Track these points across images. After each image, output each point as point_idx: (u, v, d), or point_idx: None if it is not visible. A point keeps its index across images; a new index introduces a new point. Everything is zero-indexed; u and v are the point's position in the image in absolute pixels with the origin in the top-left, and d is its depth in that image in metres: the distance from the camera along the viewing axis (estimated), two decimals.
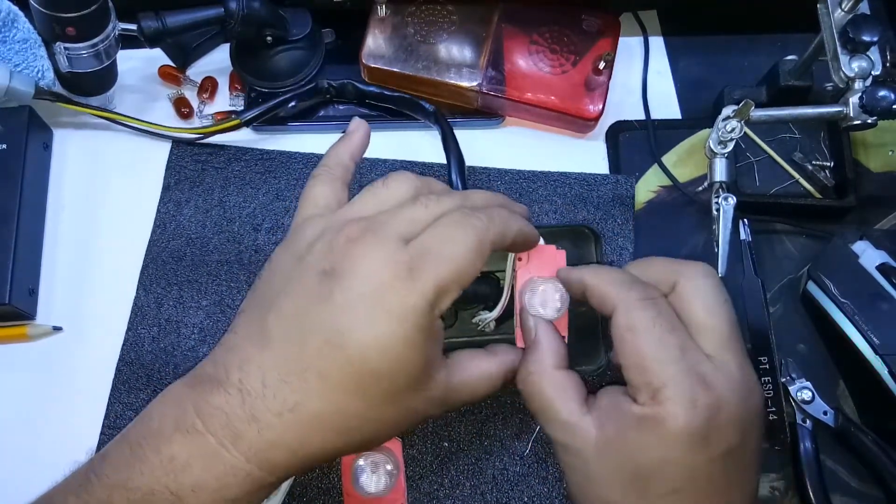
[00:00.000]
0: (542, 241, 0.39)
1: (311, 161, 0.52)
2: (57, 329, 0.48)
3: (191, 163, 0.52)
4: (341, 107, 0.54)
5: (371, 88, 0.52)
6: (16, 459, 0.46)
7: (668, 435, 0.31)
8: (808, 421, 0.44)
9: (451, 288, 0.32)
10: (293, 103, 0.52)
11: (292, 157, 0.52)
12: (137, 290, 0.49)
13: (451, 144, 0.48)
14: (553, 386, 0.35)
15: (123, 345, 0.48)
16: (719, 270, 0.40)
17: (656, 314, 0.33)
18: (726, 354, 0.33)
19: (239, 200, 0.51)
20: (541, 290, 0.38)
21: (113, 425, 0.46)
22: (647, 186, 0.52)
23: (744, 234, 0.49)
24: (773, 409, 0.45)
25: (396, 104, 0.52)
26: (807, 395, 0.45)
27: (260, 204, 0.51)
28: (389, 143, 0.53)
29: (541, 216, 0.50)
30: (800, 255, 0.49)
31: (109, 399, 0.46)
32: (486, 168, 0.51)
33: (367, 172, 0.52)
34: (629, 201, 0.51)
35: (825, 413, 0.44)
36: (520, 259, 0.39)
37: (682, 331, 0.33)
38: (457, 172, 0.47)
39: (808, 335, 0.47)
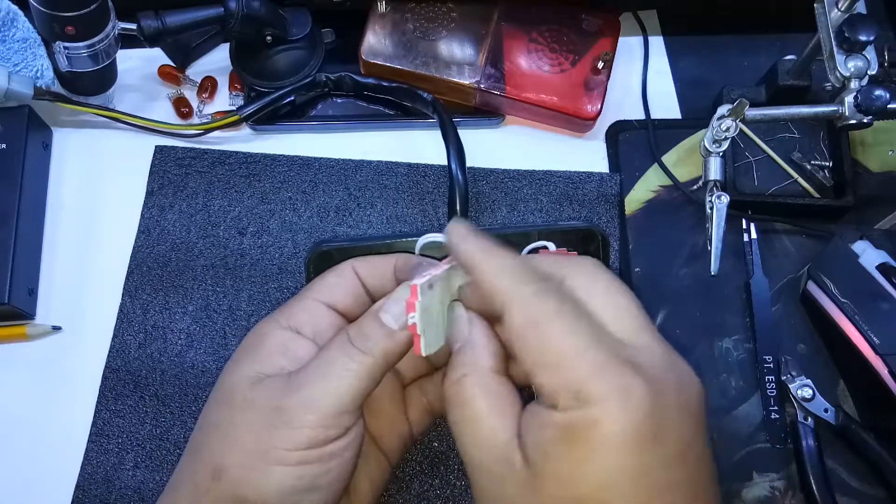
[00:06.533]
0: (552, 247, 0.39)
1: (294, 163, 0.52)
2: (56, 329, 0.48)
3: (174, 167, 0.52)
4: (339, 100, 0.54)
5: (368, 80, 0.52)
6: (16, 458, 0.46)
7: (608, 440, 0.25)
8: (809, 419, 0.44)
9: None
10: (291, 97, 0.52)
11: (276, 159, 0.52)
12: (122, 296, 0.49)
13: (450, 134, 0.48)
14: (487, 394, 0.29)
15: (109, 352, 0.47)
16: (712, 269, 0.39)
17: (559, 302, 0.28)
18: (644, 337, 0.28)
19: (223, 204, 0.51)
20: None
21: (100, 432, 0.45)
22: (648, 186, 0.52)
23: (747, 236, 0.49)
24: (776, 407, 0.45)
25: (394, 94, 0.52)
26: (807, 392, 0.45)
27: (245, 208, 0.51)
28: (389, 143, 0.53)
29: (526, 215, 0.50)
30: (799, 254, 0.49)
31: (96, 406, 0.46)
32: (471, 168, 0.51)
33: (368, 173, 0.52)
34: (614, 199, 0.51)
35: (826, 411, 0.44)
36: None
37: (591, 318, 0.28)
38: (456, 162, 0.47)
39: (808, 335, 0.47)
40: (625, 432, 0.25)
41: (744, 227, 0.49)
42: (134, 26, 0.48)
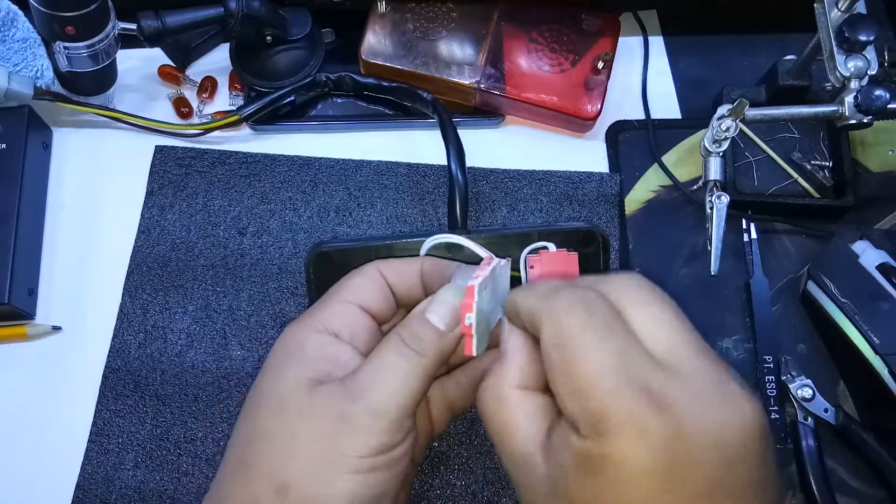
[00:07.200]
0: (553, 247, 0.39)
1: (294, 163, 0.52)
2: (56, 329, 0.48)
3: (174, 167, 0.52)
4: (339, 100, 0.54)
5: (368, 80, 0.52)
6: (16, 458, 0.46)
7: (621, 478, 0.24)
8: (809, 419, 0.44)
9: None
10: (291, 97, 0.52)
11: (276, 159, 0.52)
12: (123, 296, 0.49)
13: (449, 134, 0.48)
14: (510, 408, 0.29)
15: (110, 352, 0.47)
16: (712, 268, 0.39)
17: (587, 317, 0.27)
18: (685, 355, 0.27)
19: (223, 204, 0.51)
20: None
21: (100, 432, 0.45)
22: (648, 186, 0.52)
23: (747, 236, 0.49)
24: (776, 407, 0.45)
25: (394, 94, 0.52)
26: (807, 392, 0.45)
27: (245, 207, 0.51)
28: (389, 143, 0.53)
29: (526, 215, 0.50)
30: (799, 254, 0.49)
31: (97, 406, 0.46)
32: (471, 168, 0.51)
33: (368, 173, 0.52)
34: (614, 199, 0.51)
35: (826, 411, 0.44)
36: (531, 267, 0.39)
37: (621, 334, 0.27)
38: (456, 162, 0.47)
39: (808, 335, 0.47)
40: (638, 471, 0.24)
41: (744, 227, 0.49)
42: (134, 26, 0.48)
